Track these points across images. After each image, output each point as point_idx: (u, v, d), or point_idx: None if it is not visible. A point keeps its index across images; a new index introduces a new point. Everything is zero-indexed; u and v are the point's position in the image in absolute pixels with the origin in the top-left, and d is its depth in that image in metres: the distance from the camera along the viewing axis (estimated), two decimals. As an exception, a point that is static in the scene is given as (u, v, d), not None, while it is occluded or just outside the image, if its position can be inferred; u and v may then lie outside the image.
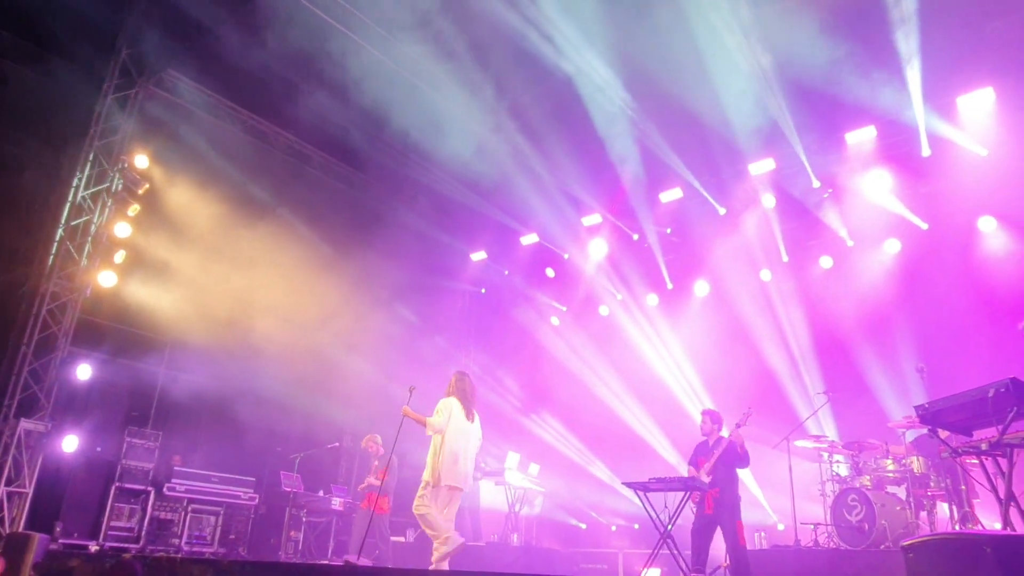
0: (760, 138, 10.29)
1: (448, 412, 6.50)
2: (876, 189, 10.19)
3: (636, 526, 11.09)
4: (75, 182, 9.66)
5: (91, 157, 9.81)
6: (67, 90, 9.56)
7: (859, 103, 9.31)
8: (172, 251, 10.27)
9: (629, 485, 6.73)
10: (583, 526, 11.81)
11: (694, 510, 6.86)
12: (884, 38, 8.67)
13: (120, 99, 10.09)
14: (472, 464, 6.68)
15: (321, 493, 10.72)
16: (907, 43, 8.62)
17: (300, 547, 10.25)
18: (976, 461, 4.61)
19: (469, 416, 6.72)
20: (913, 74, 8.86)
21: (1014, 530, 4.10)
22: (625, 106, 10.27)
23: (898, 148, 9.96)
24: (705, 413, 7.32)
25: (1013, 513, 4.07)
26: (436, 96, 10.80)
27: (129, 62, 10.13)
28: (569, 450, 12.78)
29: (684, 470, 8.48)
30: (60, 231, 9.49)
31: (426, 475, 6.47)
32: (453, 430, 6.48)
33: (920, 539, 2.62)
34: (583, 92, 10.21)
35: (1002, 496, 4.14)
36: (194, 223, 10.44)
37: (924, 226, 9.93)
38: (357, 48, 9.76)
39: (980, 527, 6.74)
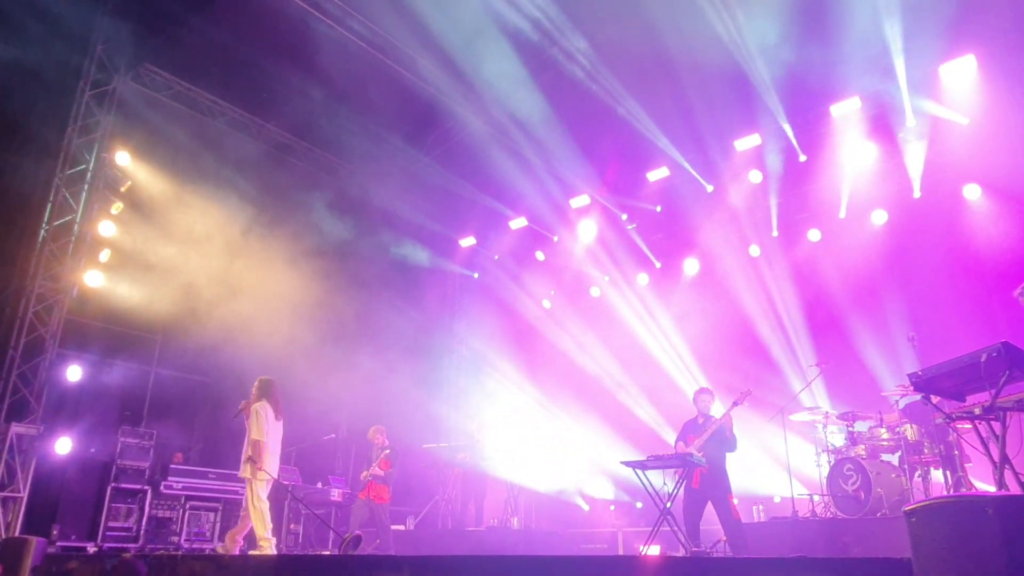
0: (745, 114, 10.29)
1: (265, 415, 7.40)
2: (862, 160, 10.22)
3: (639, 504, 11.15)
4: (56, 181, 9.50)
5: (71, 155, 9.64)
6: (43, 87, 9.38)
7: (843, 75, 9.32)
8: (157, 247, 10.15)
9: (628, 464, 6.77)
10: (586, 507, 11.88)
11: (679, 486, 6.93)
12: (867, 10, 8.66)
13: (97, 95, 9.91)
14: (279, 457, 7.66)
15: (319, 485, 10.71)
16: (889, 14, 8.62)
17: (300, 539, 10.26)
18: (969, 426, 4.63)
19: (279, 416, 7.59)
20: (896, 45, 8.87)
21: (1009, 491, 4.15)
22: (609, 85, 10.23)
23: (883, 119, 9.97)
24: (698, 392, 7.40)
25: (1007, 475, 4.12)
26: (418, 81, 10.71)
27: (105, 57, 9.95)
28: (564, 430, 12.81)
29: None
30: (43, 232, 9.36)
31: (248, 472, 7.19)
32: (268, 430, 7.39)
33: (922, 503, 2.64)
34: (567, 72, 10.16)
35: (996, 459, 4.18)
36: (178, 218, 10.32)
37: (917, 194, 9.93)
38: (334, 34, 9.64)
39: (974, 490, 6.83)
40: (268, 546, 7.02)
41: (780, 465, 8.32)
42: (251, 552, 7.12)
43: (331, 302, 11.41)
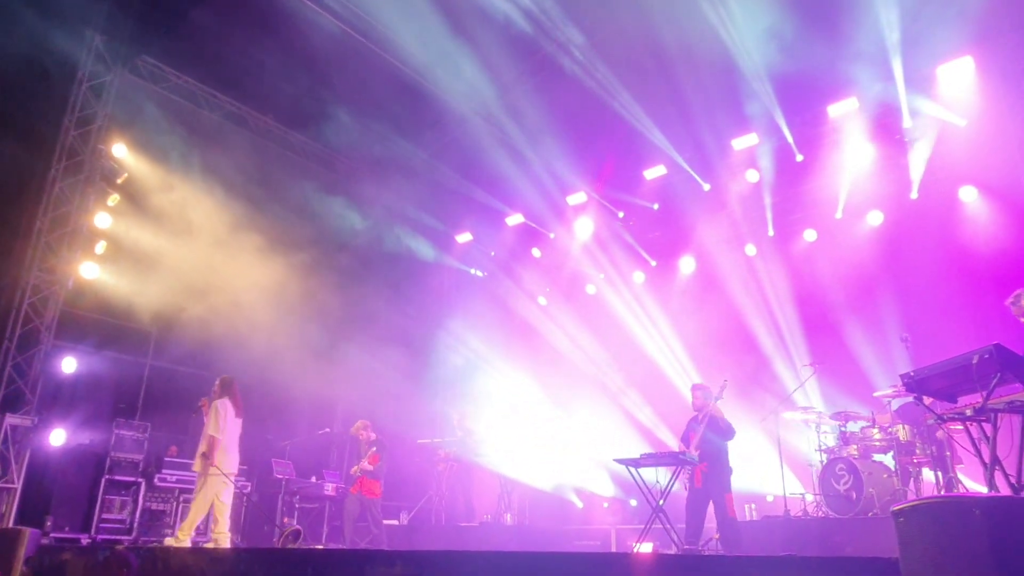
0: (743, 113, 10.30)
1: (225, 412, 7.41)
2: (859, 161, 10.24)
3: (633, 502, 11.17)
4: (52, 173, 9.48)
5: (67, 147, 9.62)
6: (40, 79, 9.34)
7: (841, 75, 9.33)
8: (154, 240, 10.14)
9: (620, 461, 6.78)
10: (580, 504, 11.90)
11: (687, 485, 6.95)
12: (865, 11, 8.67)
13: (94, 87, 9.89)
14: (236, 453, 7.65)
15: (313, 479, 10.72)
16: (887, 14, 8.63)
17: (294, 533, 10.25)
18: (961, 427, 4.66)
19: (239, 413, 7.61)
20: (893, 45, 8.88)
21: (999, 493, 4.18)
22: (607, 83, 10.22)
23: (880, 119, 9.99)
24: (695, 388, 7.38)
25: (997, 476, 4.15)
26: (416, 77, 10.69)
27: (102, 49, 9.92)
28: (558, 426, 12.82)
29: (675, 445, 8.55)
30: (39, 223, 9.34)
31: (199, 466, 7.24)
32: (227, 427, 7.42)
33: (909, 504, 2.65)
34: (565, 68, 10.15)
35: (987, 460, 4.21)
36: (174, 210, 10.30)
37: (915, 195, 9.94)
38: (332, 28, 9.63)
39: (962, 491, 6.87)
40: (184, 539, 6.96)
41: (773, 464, 8.35)
42: (167, 540, 7.24)
43: (326, 297, 11.40)
